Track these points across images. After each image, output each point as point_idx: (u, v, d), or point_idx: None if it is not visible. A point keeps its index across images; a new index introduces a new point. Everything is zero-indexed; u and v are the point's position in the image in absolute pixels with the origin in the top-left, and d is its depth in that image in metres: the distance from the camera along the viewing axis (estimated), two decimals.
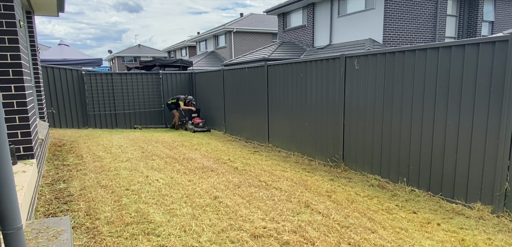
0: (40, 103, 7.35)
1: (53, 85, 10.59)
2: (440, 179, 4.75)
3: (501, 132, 4.01)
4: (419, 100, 4.92)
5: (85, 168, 5.66)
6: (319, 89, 6.78)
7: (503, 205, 4.07)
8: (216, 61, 27.45)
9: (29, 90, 4.18)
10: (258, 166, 6.54)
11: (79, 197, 4.29)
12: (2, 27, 3.55)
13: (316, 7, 18.46)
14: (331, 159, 6.66)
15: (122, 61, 45.06)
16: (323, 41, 18.08)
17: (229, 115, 10.67)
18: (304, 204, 4.29)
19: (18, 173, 3.37)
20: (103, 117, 11.83)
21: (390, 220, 3.97)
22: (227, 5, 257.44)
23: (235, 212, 3.95)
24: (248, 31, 28.35)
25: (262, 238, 3.32)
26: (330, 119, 6.58)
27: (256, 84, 8.93)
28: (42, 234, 2.53)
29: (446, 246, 3.39)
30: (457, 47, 4.41)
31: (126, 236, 3.28)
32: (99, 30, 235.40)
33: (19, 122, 3.79)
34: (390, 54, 5.32)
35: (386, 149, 5.51)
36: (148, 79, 12.68)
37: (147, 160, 6.43)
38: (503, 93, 3.95)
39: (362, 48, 14.27)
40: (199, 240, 3.26)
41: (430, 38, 15.36)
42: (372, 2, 15.20)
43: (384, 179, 5.54)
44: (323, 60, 6.64)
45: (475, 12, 15.91)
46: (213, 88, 11.61)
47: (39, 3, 6.51)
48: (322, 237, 3.39)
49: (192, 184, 5.03)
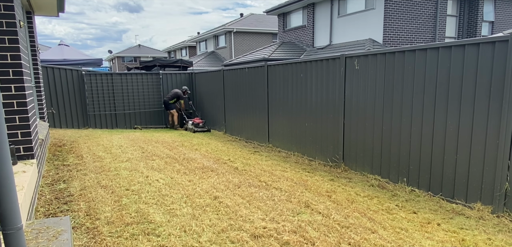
0: (40, 103, 7.34)
1: (53, 86, 10.59)
2: (440, 179, 4.75)
3: (501, 131, 4.01)
4: (419, 100, 4.92)
5: (85, 168, 5.66)
6: (319, 90, 6.78)
7: (503, 205, 4.07)
8: (216, 61, 27.45)
9: (29, 91, 4.18)
10: (258, 166, 6.54)
11: (79, 197, 4.29)
12: (2, 27, 3.55)
13: (316, 7, 18.46)
14: (331, 159, 6.65)
15: (122, 62, 45.06)
16: (323, 41, 18.08)
17: (229, 116, 10.67)
18: (304, 204, 4.29)
19: (18, 173, 3.37)
20: (103, 117, 11.83)
21: (390, 220, 3.97)
22: (228, 5, 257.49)
23: (235, 212, 3.95)
24: (248, 31, 28.35)
25: (262, 238, 3.32)
26: (330, 119, 6.58)
27: (256, 85, 8.93)
28: (42, 234, 2.53)
29: (446, 246, 3.39)
30: (457, 47, 4.41)
31: (126, 236, 3.28)
32: (100, 30, 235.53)
33: (19, 122, 3.79)
34: (390, 54, 5.32)
35: (386, 149, 5.51)
36: (148, 79, 12.69)
37: (147, 160, 6.43)
38: (503, 93, 3.95)
39: (362, 48, 14.27)
40: (199, 240, 3.26)
41: (430, 38, 15.36)
42: (372, 2, 15.20)
43: (384, 179, 5.54)
44: (323, 60, 6.64)
45: (475, 12, 15.91)
46: (213, 88, 11.61)
47: (39, 3, 6.52)
48: (322, 237, 3.39)
49: (192, 184, 5.03)
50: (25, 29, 5.95)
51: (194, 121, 11.86)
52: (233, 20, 30.86)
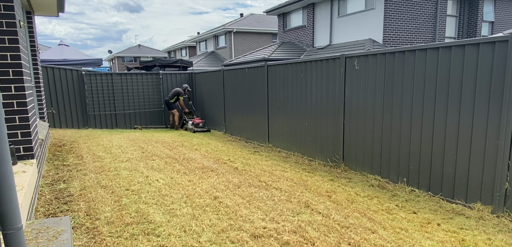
0: (40, 103, 7.34)
1: (53, 86, 10.59)
2: (440, 179, 4.75)
3: (501, 131, 4.01)
4: (419, 101, 4.93)
5: (85, 168, 5.66)
6: (319, 90, 6.79)
7: (503, 205, 4.07)
8: (216, 61, 27.45)
9: (29, 91, 4.18)
10: (258, 166, 6.54)
11: (79, 197, 4.29)
12: (2, 27, 3.55)
13: (316, 7, 18.46)
14: (331, 159, 6.66)
15: (122, 62, 45.06)
16: (323, 42, 18.08)
17: (229, 116, 10.67)
18: (304, 204, 4.29)
19: (18, 173, 3.37)
20: (103, 117, 11.83)
21: (390, 220, 3.97)
22: (228, 5, 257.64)
23: (235, 212, 3.95)
24: (248, 31, 28.35)
25: (262, 238, 3.32)
26: (330, 119, 6.58)
27: (256, 85, 8.93)
28: (42, 234, 2.53)
29: (446, 246, 3.39)
30: (457, 47, 4.41)
31: (126, 236, 3.28)
32: (100, 30, 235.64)
33: (19, 122, 3.79)
34: (390, 55, 5.32)
35: (386, 149, 5.51)
36: (148, 79, 12.69)
37: (147, 160, 6.42)
38: (503, 93, 3.95)
39: (362, 48, 14.27)
40: (199, 240, 3.26)
41: (430, 38, 15.36)
42: (372, 2, 15.20)
43: (384, 179, 5.54)
44: (323, 60, 6.64)
45: (475, 12, 15.91)
46: (213, 88, 11.61)
47: (39, 3, 6.51)
48: (322, 237, 3.39)
49: (192, 184, 5.03)
50: (25, 29, 5.95)
51: (194, 121, 11.86)
52: (233, 20, 30.86)
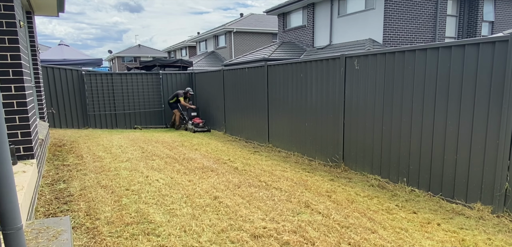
0: (40, 103, 7.34)
1: (53, 86, 10.59)
2: (440, 179, 4.75)
3: (501, 131, 4.01)
4: (419, 101, 4.92)
5: (85, 168, 5.66)
6: (319, 90, 6.78)
7: (503, 205, 4.07)
8: (216, 61, 27.45)
9: (29, 91, 4.18)
10: (258, 166, 6.54)
11: (79, 197, 4.29)
12: (2, 27, 3.55)
13: (316, 7, 18.46)
14: (331, 159, 6.65)
15: (122, 62, 45.06)
16: (323, 41, 18.08)
17: (229, 116, 10.67)
18: (304, 204, 4.29)
19: (18, 173, 3.37)
20: (103, 117, 11.83)
21: (390, 220, 3.97)
22: (229, 5, 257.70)
23: (235, 212, 3.95)
24: (248, 31, 28.35)
25: (262, 238, 3.32)
26: (330, 119, 6.58)
27: (256, 84, 8.93)
28: (42, 234, 2.53)
29: (446, 246, 3.39)
30: (457, 47, 4.41)
31: (126, 236, 3.28)
32: (100, 30, 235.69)
33: (19, 122, 3.79)
34: (390, 54, 5.32)
35: (386, 149, 5.51)
36: (148, 79, 12.69)
37: (147, 160, 6.43)
38: (503, 93, 3.95)
39: (362, 48, 14.27)
40: (199, 240, 3.26)
41: (430, 38, 15.36)
42: (372, 2, 15.20)
43: (384, 179, 5.53)
44: (323, 60, 6.64)
45: (475, 12, 15.91)
46: (213, 88, 11.61)
47: (39, 3, 6.51)
48: (322, 237, 3.39)
49: (192, 184, 5.03)
50: (25, 29, 5.95)
51: (194, 122, 11.86)
52: (233, 20, 30.86)
